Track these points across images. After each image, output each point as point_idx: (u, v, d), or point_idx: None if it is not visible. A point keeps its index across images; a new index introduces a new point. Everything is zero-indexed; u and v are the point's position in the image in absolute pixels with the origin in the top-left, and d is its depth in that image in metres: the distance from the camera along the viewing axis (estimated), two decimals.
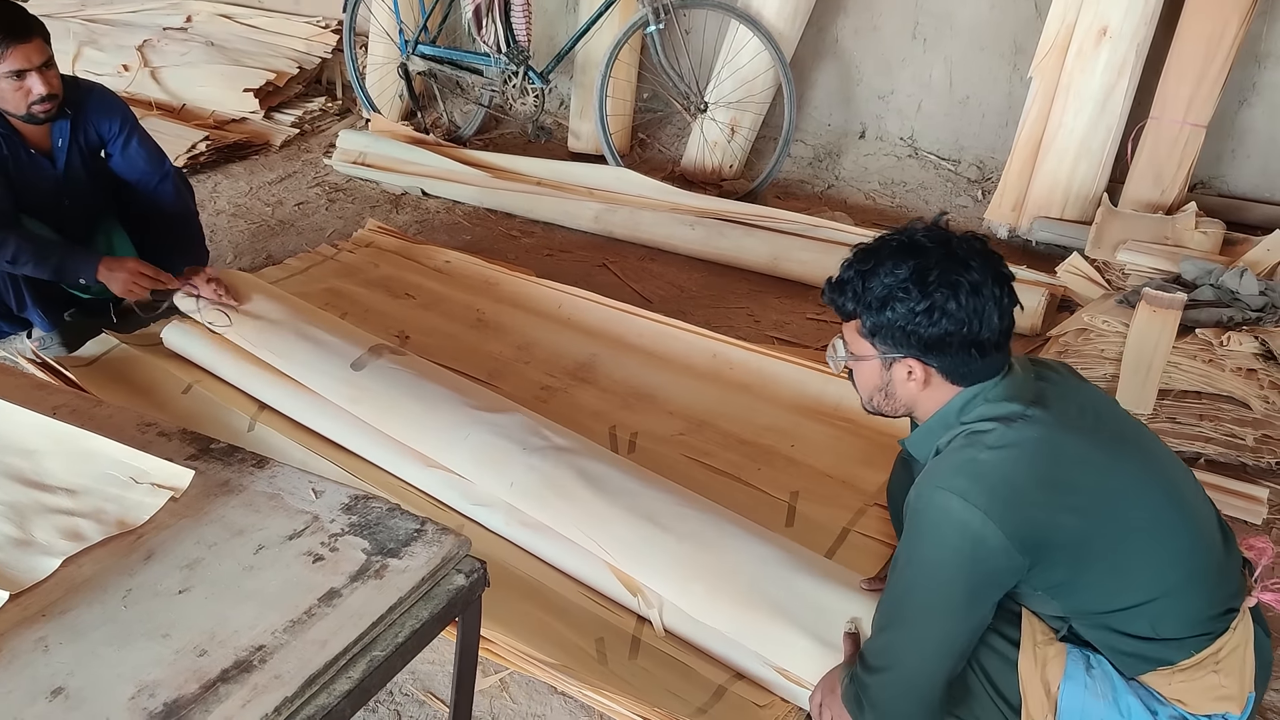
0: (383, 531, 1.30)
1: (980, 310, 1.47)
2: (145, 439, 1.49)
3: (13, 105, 2.56)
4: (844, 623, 1.85)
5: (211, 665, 1.10)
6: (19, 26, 2.49)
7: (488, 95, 4.36)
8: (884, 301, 1.49)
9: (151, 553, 1.27)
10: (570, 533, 2.16)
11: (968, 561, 1.44)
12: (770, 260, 3.59)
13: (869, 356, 1.57)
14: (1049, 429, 1.48)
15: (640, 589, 2.10)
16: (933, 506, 1.46)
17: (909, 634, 1.53)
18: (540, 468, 2.22)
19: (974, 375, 1.53)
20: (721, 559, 2.01)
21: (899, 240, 1.52)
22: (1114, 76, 3.54)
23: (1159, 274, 3.20)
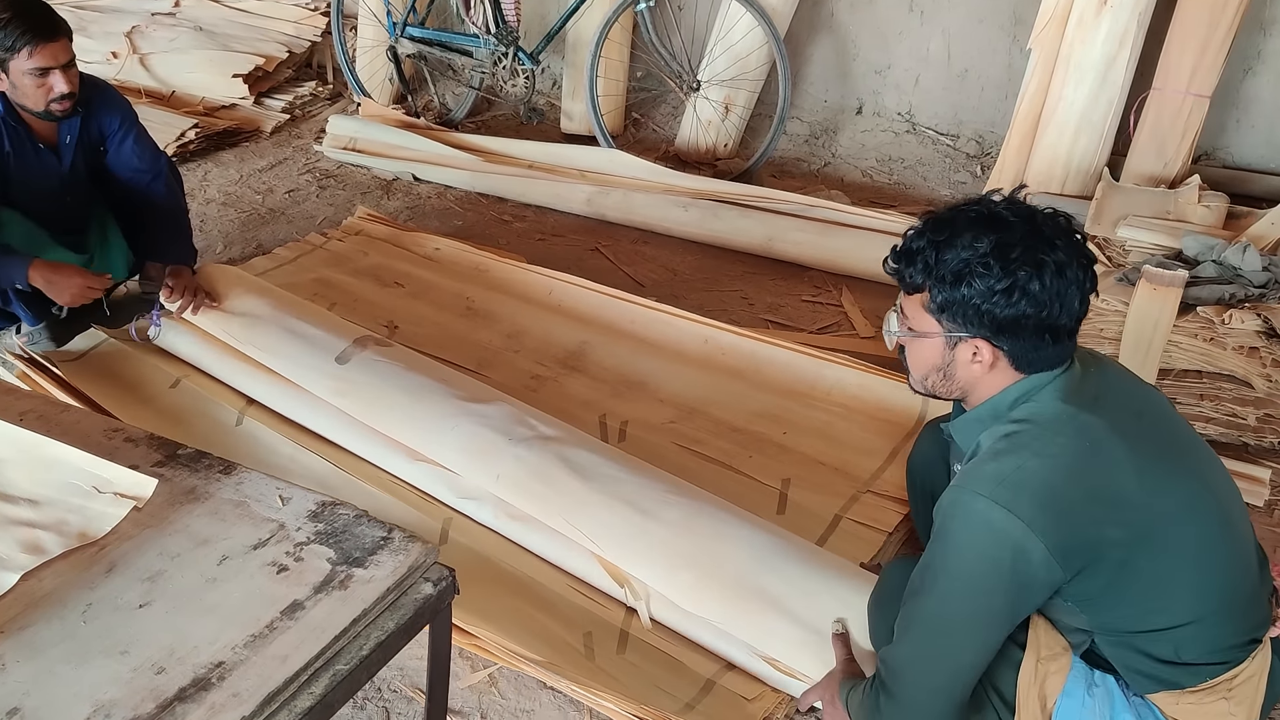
0: (349, 540, 1.27)
1: (1062, 293, 1.38)
2: (111, 445, 1.46)
3: (31, 101, 2.57)
4: (832, 622, 1.82)
5: (169, 684, 1.07)
6: (47, 26, 2.50)
7: (478, 77, 4.29)
8: (959, 276, 1.40)
9: (113, 565, 1.24)
10: (557, 523, 2.13)
11: (1008, 574, 1.35)
12: (765, 241, 3.54)
13: (932, 334, 1.47)
14: (1104, 437, 1.39)
15: (627, 580, 2.07)
16: (973, 515, 1.37)
17: (940, 645, 1.44)
18: (526, 458, 2.19)
19: (1041, 363, 1.44)
20: (710, 547, 1.97)
21: (978, 211, 1.43)
22: (1115, 46, 3.47)
23: (1160, 250, 3.14)
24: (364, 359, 2.49)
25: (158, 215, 2.90)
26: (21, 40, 2.46)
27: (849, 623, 1.82)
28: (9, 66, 2.50)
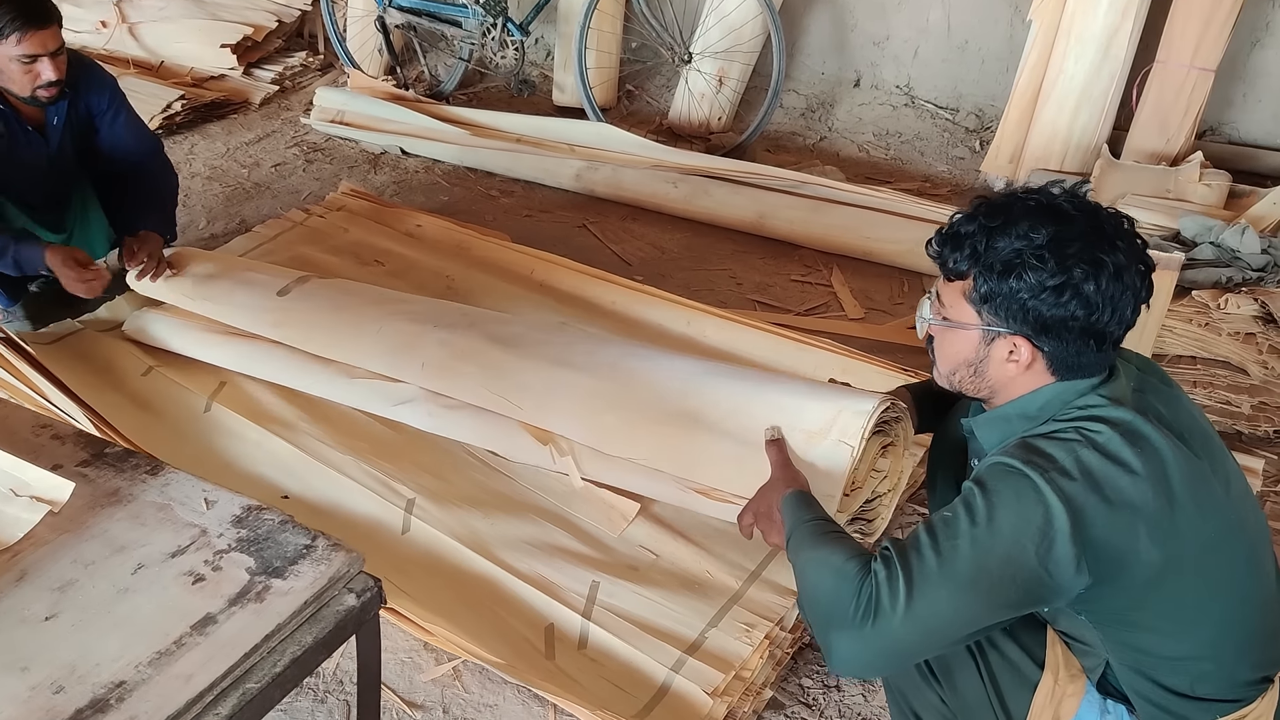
0: (271, 548, 1.22)
1: (1117, 298, 1.28)
2: (39, 442, 1.41)
3: (18, 87, 2.52)
4: (763, 430, 1.75)
5: (66, 704, 1.02)
6: (40, 12, 2.45)
7: (467, 49, 4.21)
8: (1009, 266, 1.30)
9: (24, 573, 1.19)
10: (479, 397, 2.12)
11: (1034, 553, 1.25)
12: (756, 218, 3.46)
13: (969, 325, 1.37)
14: (1161, 447, 1.29)
15: (552, 438, 2.04)
16: (1025, 484, 1.26)
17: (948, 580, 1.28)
18: (451, 341, 2.20)
19: (1080, 370, 1.34)
20: (633, 383, 1.94)
21: (1037, 200, 1.33)
22: (1118, 19, 3.36)
23: (1157, 231, 3.06)
24: (304, 289, 2.48)
25: (144, 189, 2.86)
26: (10, 26, 2.41)
27: (783, 429, 1.75)
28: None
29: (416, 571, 2.11)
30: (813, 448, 1.75)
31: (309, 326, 2.47)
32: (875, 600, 1.28)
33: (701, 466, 1.86)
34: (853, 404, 1.77)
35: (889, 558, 1.31)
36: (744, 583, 2.10)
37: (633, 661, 1.93)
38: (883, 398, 1.77)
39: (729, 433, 1.83)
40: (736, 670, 1.91)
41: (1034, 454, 1.30)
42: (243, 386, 2.58)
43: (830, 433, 1.75)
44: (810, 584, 1.39)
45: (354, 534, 2.19)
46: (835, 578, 1.33)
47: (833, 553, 1.37)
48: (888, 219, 3.31)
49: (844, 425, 1.75)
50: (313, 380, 2.46)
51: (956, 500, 1.33)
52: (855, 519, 1.83)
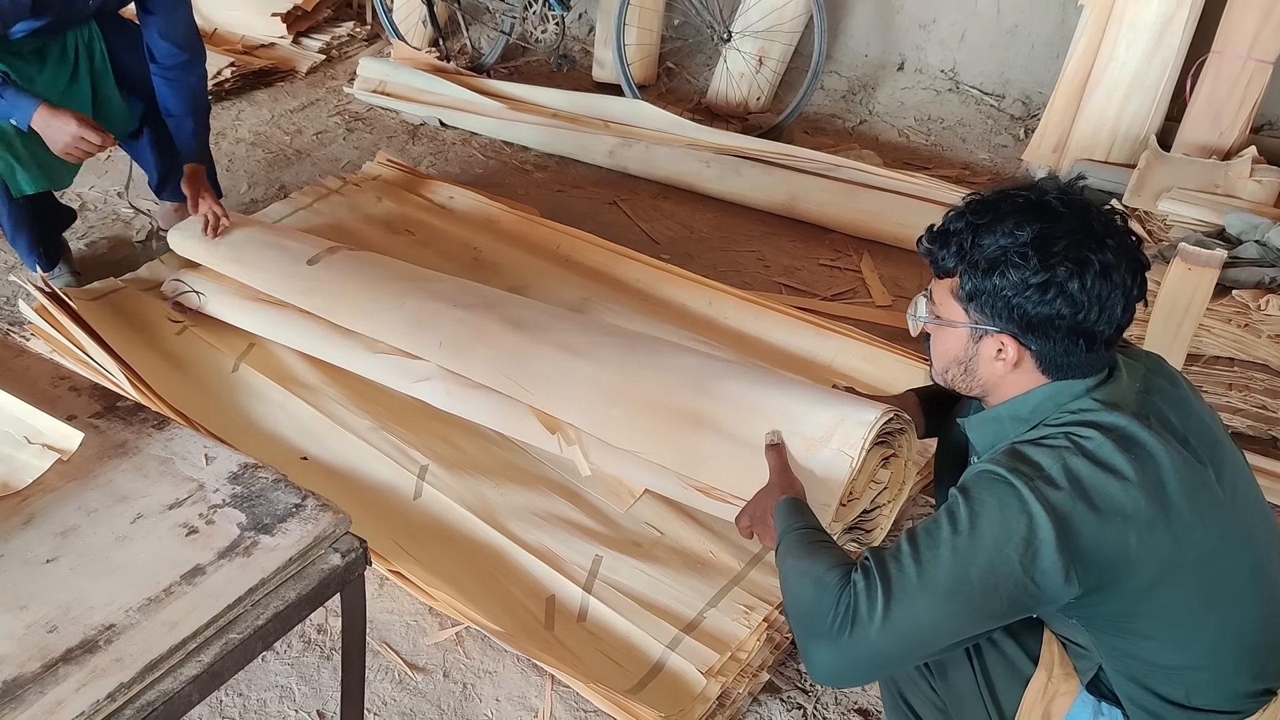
0: (262, 505, 1.25)
1: (1104, 297, 1.27)
2: (56, 394, 1.46)
3: None
4: (765, 434, 1.76)
5: (58, 643, 1.06)
6: None
7: (509, 23, 4.22)
8: (994, 264, 1.30)
9: (31, 517, 1.23)
10: (493, 379, 2.15)
11: (1019, 563, 1.23)
12: (787, 200, 3.45)
13: (957, 323, 1.37)
14: (1156, 453, 1.27)
15: (560, 426, 2.06)
16: (1009, 492, 1.25)
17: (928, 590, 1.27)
18: (468, 320, 2.23)
19: (1071, 369, 1.33)
20: (639, 377, 1.96)
21: (1026, 197, 1.32)
22: (1173, 6, 3.28)
23: (1202, 227, 2.99)
24: (333, 260, 2.52)
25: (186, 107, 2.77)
26: None
27: (784, 434, 1.76)
28: None
29: (425, 537, 2.15)
30: (813, 455, 1.75)
31: (334, 296, 2.51)
32: (853, 610, 1.27)
33: (702, 465, 1.86)
34: (855, 413, 1.76)
35: (868, 567, 1.30)
36: (746, 565, 2.11)
37: (630, 637, 1.95)
38: (886, 409, 1.75)
39: (731, 433, 1.83)
40: (733, 651, 1.93)
41: (1020, 461, 1.28)
42: (270, 349, 2.63)
43: (831, 441, 1.74)
44: (792, 592, 1.39)
45: (368, 497, 2.24)
46: (815, 587, 1.33)
47: (815, 562, 1.37)
48: (922, 205, 3.28)
49: (845, 435, 1.73)
50: (336, 351, 2.50)
51: (941, 508, 1.32)
52: (854, 528, 1.81)
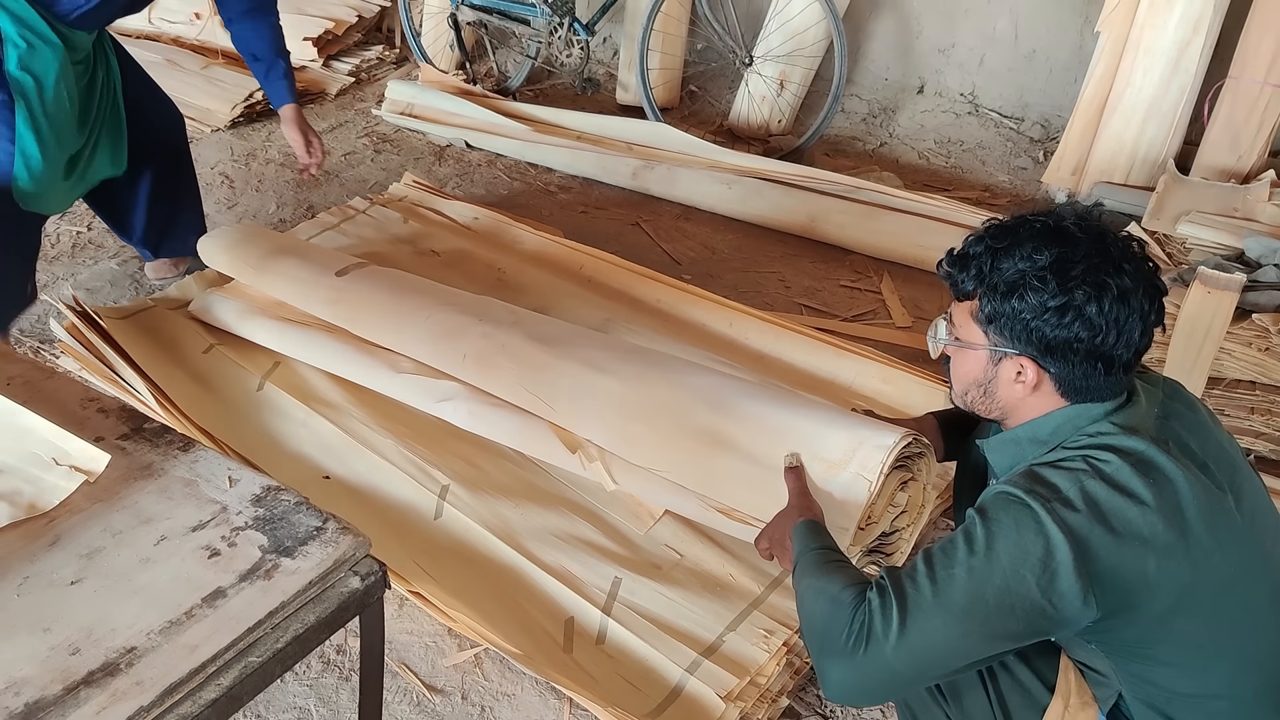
0: (284, 527, 1.28)
1: (1122, 321, 1.29)
2: (84, 415, 1.49)
3: None
4: (784, 456, 1.76)
5: (80, 666, 1.09)
6: None
7: (534, 47, 4.27)
8: (1012, 287, 1.32)
9: (57, 538, 1.26)
10: (515, 395, 2.16)
11: (1035, 584, 1.24)
12: (807, 222, 3.46)
13: (977, 345, 1.39)
14: (1175, 478, 1.27)
15: (581, 445, 2.07)
16: (1026, 514, 1.26)
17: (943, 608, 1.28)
18: (493, 335, 2.25)
19: (1089, 393, 1.34)
20: (659, 394, 1.97)
21: (1044, 222, 1.34)
22: (1189, 32, 3.28)
23: (1221, 250, 2.98)
24: (361, 273, 2.55)
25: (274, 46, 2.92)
26: None
27: (803, 456, 1.76)
28: None
29: (445, 557, 2.17)
30: (831, 478, 1.75)
31: (360, 307, 2.54)
32: (868, 628, 1.28)
33: (722, 485, 1.87)
34: (874, 437, 1.76)
35: (884, 586, 1.31)
36: (766, 588, 2.11)
37: (648, 660, 1.96)
38: (904, 433, 1.76)
39: (750, 454, 1.84)
40: (752, 675, 1.93)
41: (1037, 483, 1.29)
42: (294, 368, 2.67)
43: (850, 465, 1.74)
44: (808, 611, 1.40)
45: (389, 517, 2.26)
46: (830, 604, 1.34)
47: (831, 580, 1.38)
48: (942, 227, 3.29)
49: (864, 459, 1.74)
50: (360, 370, 2.53)
51: (958, 529, 1.33)
52: (873, 551, 1.81)
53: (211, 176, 3.90)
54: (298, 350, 2.67)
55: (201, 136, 4.14)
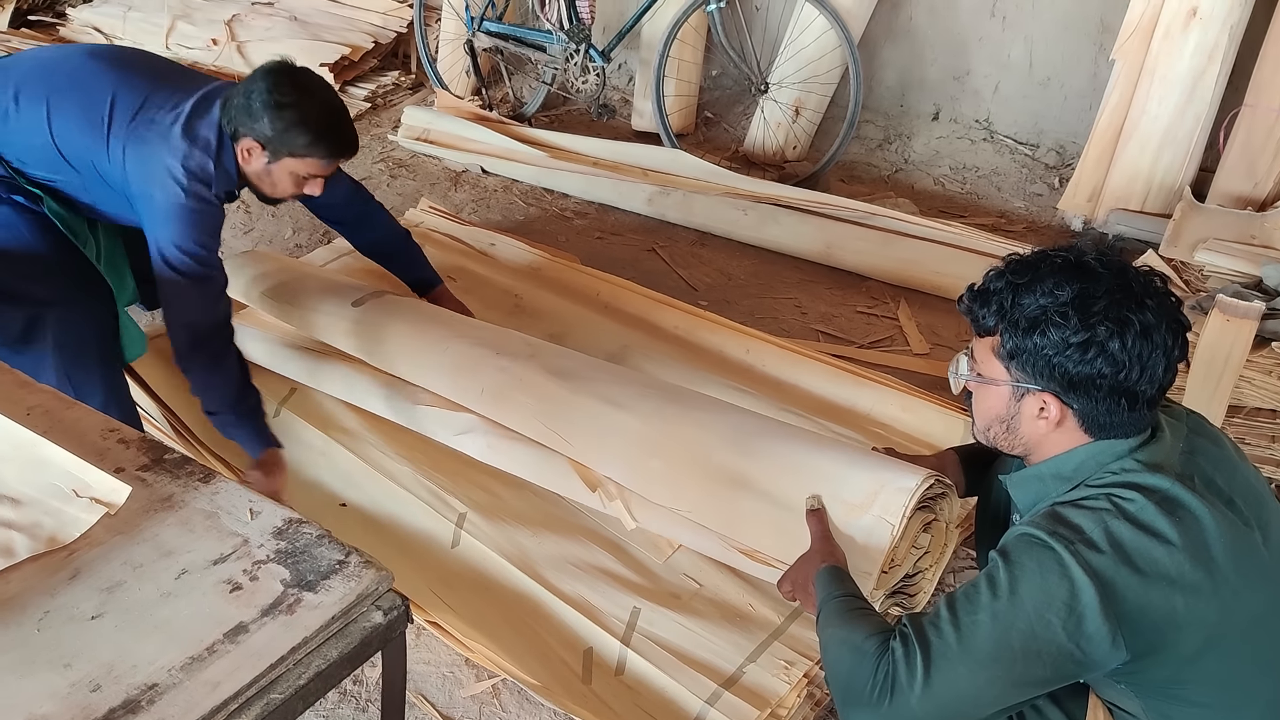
0: (306, 561, 1.27)
1: (1145, 357, 1.28)
2: (105, 445, 1.48)
3: (269, 189, 2.24)
4: (805, 499, 1.75)
5: (101, 703, 1.08)
6: (348, 148, 2.22)
7: (550, 73, 4.29)
8: (1034, 323, 1.31)
9: (77, 572, 1.25)
10: (533, 430, 2.15)
11: (1061, 628, 1.23)
12: (823, 248, 3.46)
13: (999, 382, 1.38)
14: (1201, 517, 1.26)
15: (600, 482, 2.06)
16: (1049, 557, 1.25)
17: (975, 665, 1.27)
18: (510, 368, 2.23)
19: (1113, 429, 1.33)
20: (678, 431, 1.95)
21: (1065, 258, 1.34)
22: (1204, 61, 3.28)
23: (1239, 278, 2.96)
24: (378, 303, 2.56)
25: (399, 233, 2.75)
26: (318, 151, 2.14)
27: (824, 498, 1.75)
28: (280, 158, 2.14)
29: (462, 586, 2.16)
30: (853, 521, 1.73)
31: (377, 339, 2.54)
32: (892, 678, 1.27)
33: (743, 525, 1.86)
34: (896, 479, 1.74)
35: (907, 634, 1.30)
36: (786, 619, 2.10)
37: (668, 691, 1.94)
38: (927, 474, 1.74)
39: (770, 495, 1.82)
40: (773, 708, 1.92)
41: (1061, 524, 1.28)
42: (311, 394, 2.67)
43: (872, 508, 1.73)
44: (832, 661, 1.39)
45: (405, 545, 2.26)
46: (854, 655, 1.34)
47: (854, 630, 1.37)
48: (959, 254, 3.28)
49: (886, 501, 1.72)
50: (378, 402, 2.52)
51: (980, 573, 1.32)
52: (896, 593, 1.80)
53: None
54: (314, 379, 2.67)
55: None
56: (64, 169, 2.20)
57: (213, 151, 2.13)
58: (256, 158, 2.15)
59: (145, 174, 2.13)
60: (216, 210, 2.21)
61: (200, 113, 2.14)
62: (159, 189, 2.13)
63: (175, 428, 2.52)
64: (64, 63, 2.22)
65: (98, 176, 2.19)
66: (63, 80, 2.17)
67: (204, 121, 2.13)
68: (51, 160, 2.19)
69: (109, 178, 2.18)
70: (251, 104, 2.08)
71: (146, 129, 2.13)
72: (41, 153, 2.17)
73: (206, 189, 2.14)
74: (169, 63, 2.36)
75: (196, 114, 2.14)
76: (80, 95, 2.15)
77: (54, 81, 2.17)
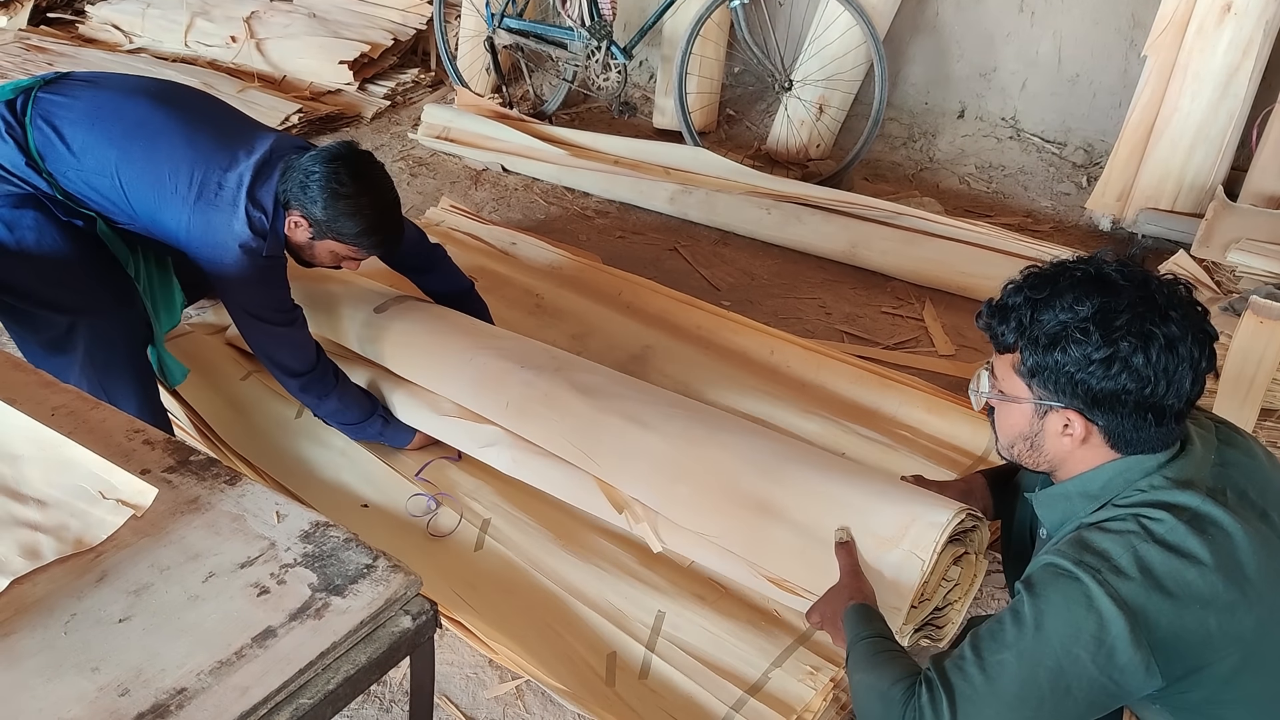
0: (333, 565, 1.25)
1: (1171, 371, 1.24)
2: (130, 446, 1.47)
3: (307, 258, 2.31)
4: (834, 530, 1.72)
5: (129, 707, 1.06)
6: (397, 242, 2.32)
7: (571, 70, 4.27)
8: (1055, 340, 1.28)
9: (104, 574, 1.24)
10: (559, 447, 2.12)
11: (1091, 662, 1.21)
12: (848, 248, 3.43)
13: (1021, 399, 1.35)
14: (1233, 533, 1.24)
15: (627, 503, 2.04)
16: (1074, 591, 1.22)
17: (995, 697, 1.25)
18: (535, 383, 2.19)
19: (1141, 444, 1.30)
20: (705, 455, 1.92)
21: (1084, 270, 1.30)
22: (1238, 57, 3.23)
23: (1273, 279, 2.92)
24: (401, 310, 2.53)
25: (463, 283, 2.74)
26: (361, 244, 2.22)
27: (854, 530, 1.72)
28: (325, 239, 2.21)
29: (486, 587, 2.14)
30: (883, 555, 1.70)
31: (401, 345, 2.51)
32: None
33: (771, 554, 1.83)
34: (927, 513, 1.71)
35: (932, 680, 1.28)
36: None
37: (693, 696, 1.92)
38: (958, 509, 1.71)
39: (799, 524, 1.79)
40: (799, 713, 1.89)
41: (1087, 551, 1.25)
42: None
43: (902, 542, 1.69)
44: (861, 707, 1.39)
45: (428, 546, 2.24)
46: (881, 702, 1.32)
47: (880, 677, 1.36)
48: (985, 254, 3.24)
49: (916, 536, 1.69)
50: (402, 410, 2.48)
51: (1005, 608, 1.29)
52: (925, 624, 1.77)
53: None
54: None
55: None
56: (124, 210, 2.24)
57: (269, 216, 2.19)
58: (303, 231, 2.21)
59: (213, 243, 2.19)
60: (282, 263, 2.28)
61: (261, 179, 2.19)
62: (229, 256, 2.18)
63: (197, 426, 2.52)
64: (131, 108, 2.23)
65: (157, 224, 2.24)
66: (131, 127, 2.20)
67: (264, 188, 2.18)
68: (114, 200, 2.23)
69: (167, 229, 2.23)
70: (309, 185, 2.13)
71: (214, 198, 2.17)
72: (106, 193, 2.21)
73: (274, 247, 2.22)
74: (227, 108, 2.39)
75: (259, 181, 2.18)
76: (147, 148, 2.18)
77: (123, 127, 2.20)
